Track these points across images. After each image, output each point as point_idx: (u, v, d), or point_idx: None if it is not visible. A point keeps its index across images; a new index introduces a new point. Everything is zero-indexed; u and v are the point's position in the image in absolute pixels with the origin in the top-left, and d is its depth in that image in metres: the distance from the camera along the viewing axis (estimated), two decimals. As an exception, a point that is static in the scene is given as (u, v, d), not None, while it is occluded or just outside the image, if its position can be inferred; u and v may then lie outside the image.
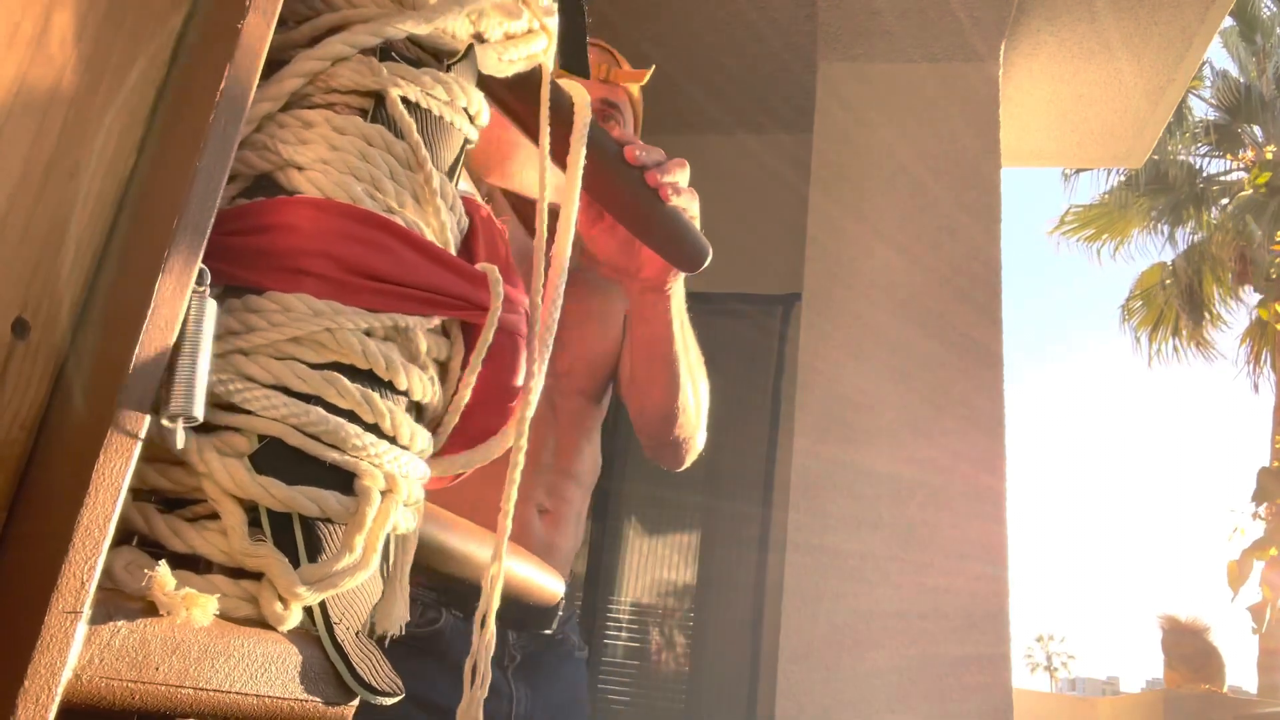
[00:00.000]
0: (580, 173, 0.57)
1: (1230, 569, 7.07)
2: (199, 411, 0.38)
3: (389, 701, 0.44)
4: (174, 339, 0.38)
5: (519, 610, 1.27)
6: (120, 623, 0.37)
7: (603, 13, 2.92)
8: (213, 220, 0.39)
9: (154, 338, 0.37)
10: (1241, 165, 10.80)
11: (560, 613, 1.30)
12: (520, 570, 0.82)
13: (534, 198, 0.53)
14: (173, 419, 0.38)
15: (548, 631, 1.30)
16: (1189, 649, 5.10)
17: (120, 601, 0.38)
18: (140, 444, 0.36)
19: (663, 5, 2.90)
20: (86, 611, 0.34)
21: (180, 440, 0.39)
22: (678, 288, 1.19)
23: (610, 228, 1.07)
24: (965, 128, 2.76)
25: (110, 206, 0.41)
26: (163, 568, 0.37)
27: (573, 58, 0.60)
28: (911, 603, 2.32)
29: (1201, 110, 10.86)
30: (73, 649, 0.34)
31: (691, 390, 1.32)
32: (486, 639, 0.46)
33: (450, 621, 1.18)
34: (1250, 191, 10.33)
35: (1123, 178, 10.90)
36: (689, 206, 1.00)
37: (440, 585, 1.13)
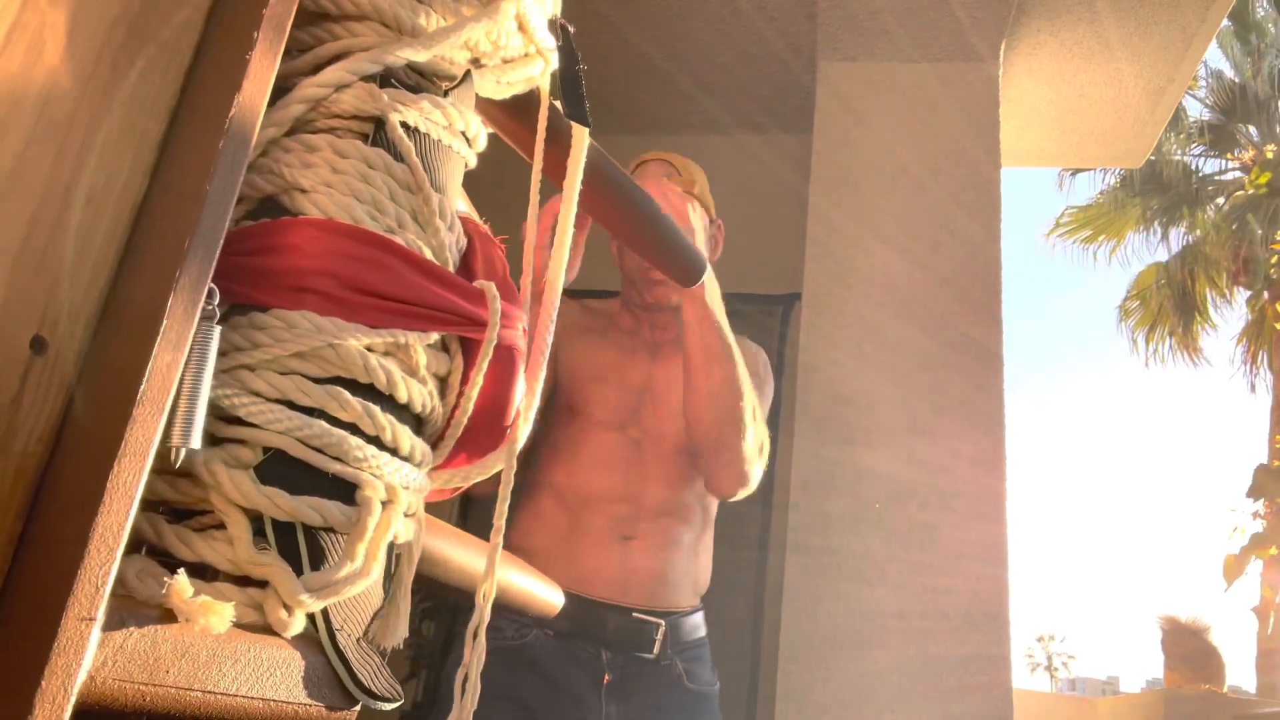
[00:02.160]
0: (575, 195, 0.58)
1: (1227, 561, 7.07)
2: (196, 444, 0.39)
3: (389, 707, 0.46)
4: (184, 357, 0.39)
5: (614, 632, 1.38)
6: (132, 628, 0.38)
7: (603, 13, 2.93)
8: (222, 241, 0.40)
9: (166, 354, 0.39)
10: (1237, 165, 10.78)
11: (659, 637, 1.39)
12: (518, 581, 0.84)
13: None
14: (174, 449, 0.39)
15: (647, 655, 1.39)
16: (1189, 649, 5.11)
17: (132, 607, 0.39)
18: (152, 456, 0.38)
19: (663, 5, 2.91)
20: (100, 616, 0.36)
21: (178, 461, 0.40)
22: (705, 293, 1.28)
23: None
24: (965, 128, 2.76)
25: (124, 228, 0.42)
26: (181, 576, 0.39)
27: (573, 107, 0.62)
28: (911, 603, 2.33)
29: (1196, 110, 10.85)
30: (87, 652, 0.36)
31: (744, 396, 1.39)
32: (478, 652, 0.48)
33: (538, 636, 1.35)
34: (1250, 191, 10.30)
35: (1118, 179, 10.88)
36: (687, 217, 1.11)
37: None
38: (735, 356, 1.38)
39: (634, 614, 1.40)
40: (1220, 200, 10.97)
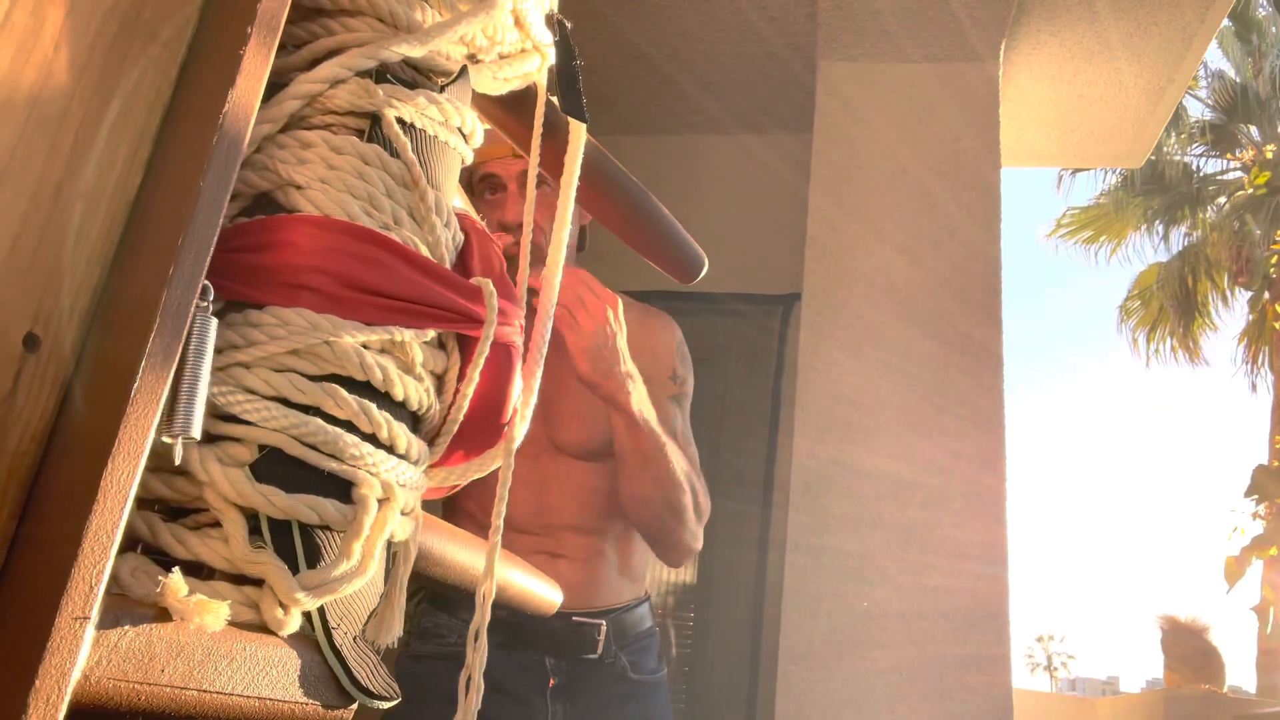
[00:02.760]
0: (573, 190, 0.58)
1: (1228, 563, 7.07)
2: (196, 432, 0.39)
3: (385, 705, 0.46)
4: (179, 353, 0.39)
5: (556, 637, 1.39)
6: (127, 626, 0.38)
7: (602, 13, 2.93)
8: (216, 238, 0.40)
9: (160, 351, 0.39)
10: (1238, 165, 10.78)
11: (601, 636, 1.41)
12: (516, 580, 0.84)
13: None
14: (173, 437, 0.39)
15: (591, 656, 1.40)
16: (1189, 649, 5.11)
17: (127, 606, 0.39)
18: (146, 454, 0.38)
19: (662, 5, 2.91)
20: (95, 615, 0.36)
21: (179, 456, 0.40)
22: (630, 402, 1.31)
23: (576, 340, 1.26)
24: (965, 128, 2.76)
25: (118, 224, 0.42)
26: (175, 574, 0.39)
27: (570, 102, 0.62)
28: (911, 603, 2.33)
29: (1197, 110, 10.85)
30: (81, 651, 0.35)
31: (680, 486, 1.41)
32: (480, 655, 0.48)
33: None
34: (1249, 191, 10.30)
35: (1118, 179, 10.88)
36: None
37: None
38: (668, 451, 1.39)
39: (574, 618, 1.41)
40: (1221, 200, 10.98)
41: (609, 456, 1.46)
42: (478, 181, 1.46)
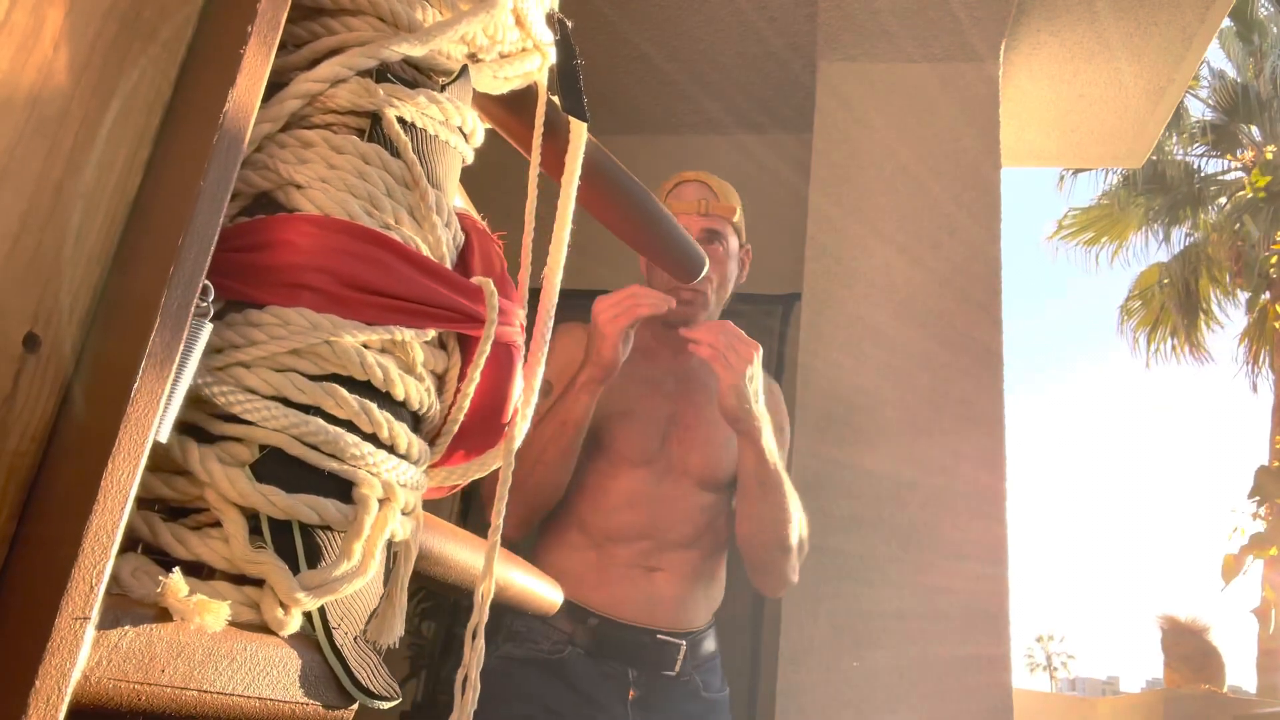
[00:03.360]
0: (574, 190, 0.58)
1: (1226, 560, 7.06)
2: (164, 436, 0.39)
3: (386, 705, 0.45)
4: (179, 353, 0.39)
5: (641, 652, 1.49)
6: (127, 627, 0.38)
7: (602, 13, 2.93)
8: (216, 237, 0.40)
9: (160, 351, 0.39)
10: (1240, 165, 10.78)
11: (680, 656, 1.51)
12: (518, 580, 0.84)
13: None
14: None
15: (670, 673, 1.51)
16: (1189, 649, 5.11)
17: (127, 606, 0.39)
18: (146, 454, 0.38)
19: (662, 5, 2.91)
20: (95, 615, 0.36)
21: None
22: (761, 438, 1.46)
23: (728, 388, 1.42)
24: (965, 128, 2.76)
25: (118, 224, 0.42)
26: (176, 575, 0.39)
27: (571, 101, 0.61)
28: (911, 603, 2.33)
29: (1198, 110, 10.84)
30: (82, 651, 0.35)
31: (792, 521, 1.54)
32: (478, 651, 0.47)
33: (573, 653, 1.47)
34: (1250, 193, 10.30)
35: (1119, 179, 10.88)
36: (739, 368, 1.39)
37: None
38: (786, 487, 1.52)
39: (659, 635, 1.51)
40: (1223, 200, 10.97)
41: (724, 490, 1.59)
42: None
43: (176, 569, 0.39)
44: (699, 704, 1.53)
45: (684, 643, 1.52)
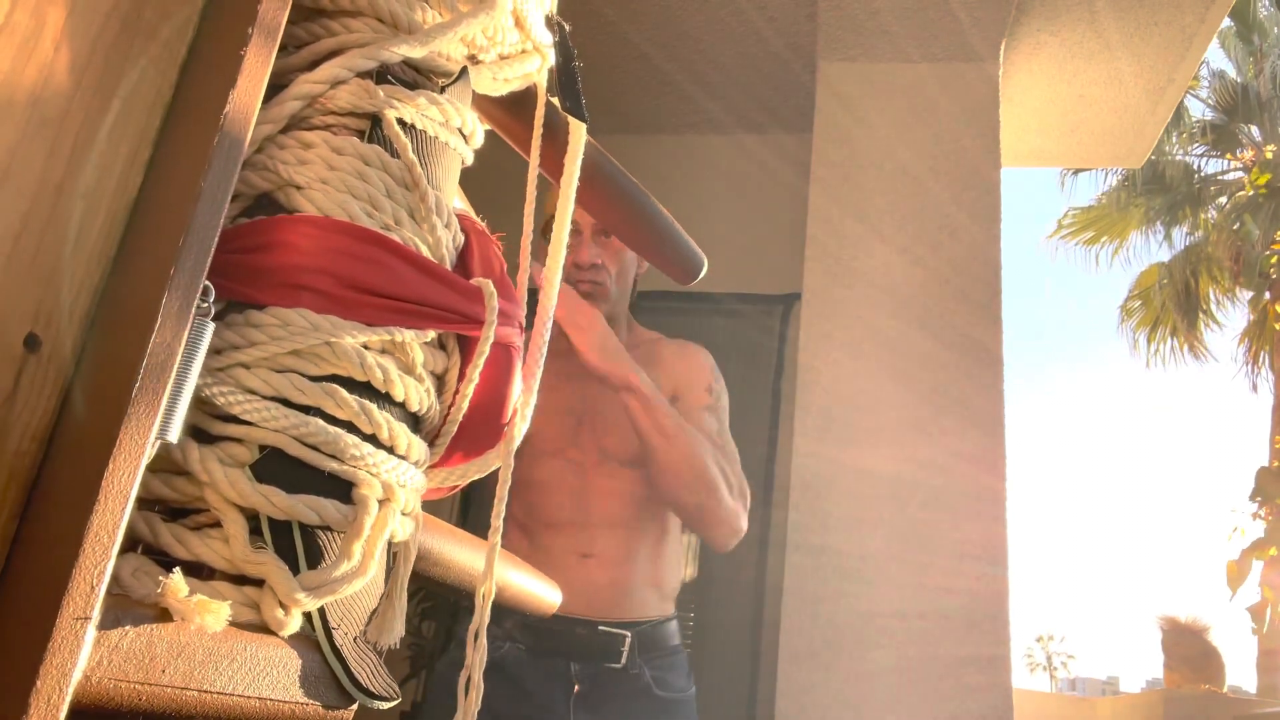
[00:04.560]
0: (573, 191, 0.58)
1: (1229, 569, 7.07)
2: (174, 437, 0.39)
3: (386, 705, 0.46)
4: (179, 353, 0.39)
5: (582, 644, 1.44)
6: (128, 627, 0.38)
7: (602, 13, 2.93)
8: (217, 238, 0.40)
9: (160, 351, 0.39)
10: (1240, 165, 10.77)
11: (625, 647, 1.46)
12: (515, 580, 0.84)
13: None
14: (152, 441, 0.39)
15: (615, 665, 1.45)
16: (1189, 649, 5.11)
17: (128, 606, 0.39)
18: (147, 454, 0.38)
19: (663, 5, 2.91)
20: (96, 615, 0.36)
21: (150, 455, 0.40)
22: (640, 385, 1.44)
23: (584, 333, 1.40)
24: (965, 128, 2.76)
25: (119, 225, 0.42)
26: (176, 575, 0.39)
27: (569, 102, 0.62)
28: (911, 603, 2.33)
29: (1198, 110, 10.84)
30: (82, 651, 0.35)
31: (708, 461, 1.50)
32: (480, 654, 0.48)
33: (511, 650, 1.44)
34: (1250, 192, 10.30)
35: (1119, 179, 10.87)
36: None
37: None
38: (690, 432, 1.48)
39: (600, 627, 1.46)
40: (1223, 200, 10.97)
41: (639, 460, 1.54)
42: (545, 227, 1.57)
43: (177, 569, 0.39)
44: (651, 702, 1.47)
45: (629, 634, 1.47)
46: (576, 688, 1.44)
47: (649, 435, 1.45)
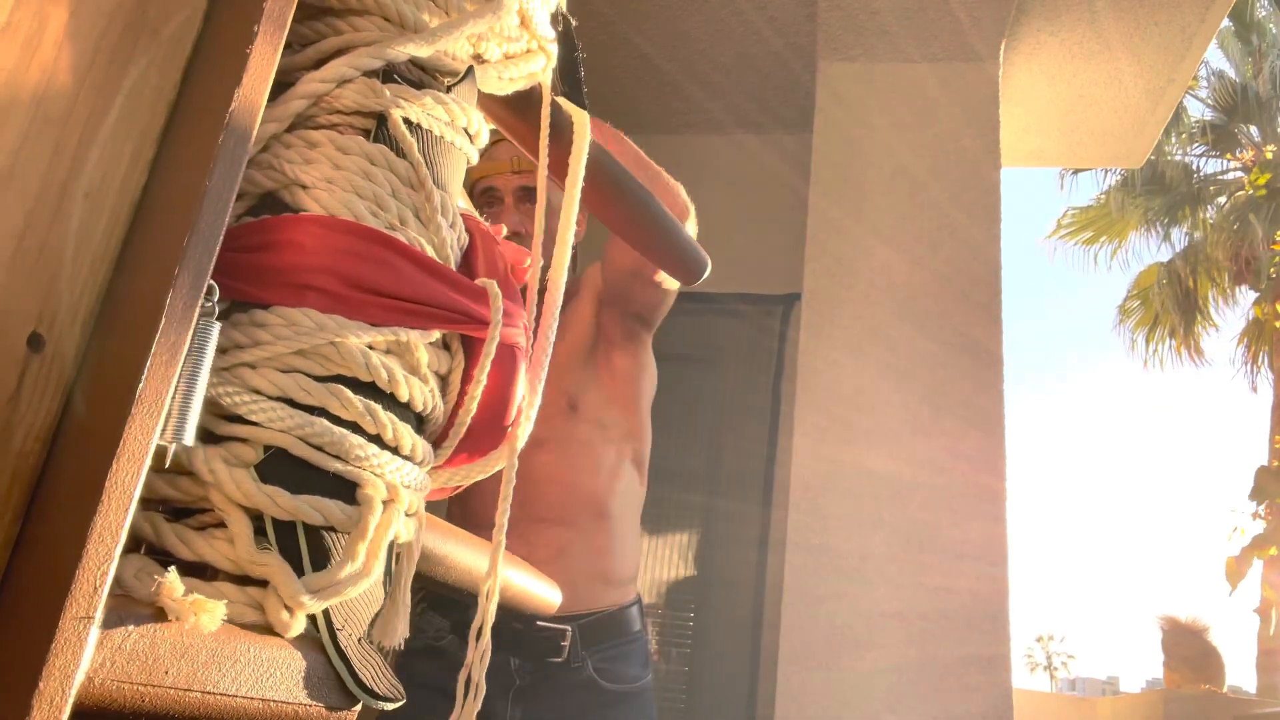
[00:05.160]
0: (578, 191, 0.58)
1: (1229, 565, 7.08)
2: (189, 440, 0.39)
3: (390, 706, 0.45)
4: (183, 353, 0.39)
5: (520, 640, 1.39)
6: (131, 628, 0.38)
7: (602, 13, 2.92)
8: (221, 237, 0.40)
9: (164, 351, 0.39)
10: (1239, 165, 10.78)
11: (567, 641, 1.41)
12: (516, 580, 0.84)
13: None
14: (166, 442, 0.39)
15: (556, 659, 1.40)
16: (1189, 649, 5.11)
17: (131, 607, 0.39)
18: (150, 454, 0.38)
19: (663, 5, 2.91)
20: (99, 616, 0.36)
21: (167, 459, 0.40)
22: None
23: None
24: (965, 128, 2.76)
25: (123, 224, 0.42)
26: (172, 574, 0.39)
27: (571, 91, 0.61)
28: (911, 603, 2.33)
29: (1198, 110, 10.84)
30: (85, 652, 0.35)
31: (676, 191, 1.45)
32: (481, 651, 0.47)
33: (453, 641, 1.39)
34: (1250, 192, 10.31)
35: (1119, 179, 10.87)
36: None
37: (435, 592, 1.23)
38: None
39: (538, 622, 1.40)
40: (1222, 200, 10.98)
41: (566, 446, 1.48)
42: (477, 195, 1.51)
43: (172, 568, 0.39)
44: (593, 694, 1.42)
45: (569, 628, 1.41)
46: (517, 683, 1.40)
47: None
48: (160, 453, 0.39)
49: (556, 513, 1.47)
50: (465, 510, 1.51)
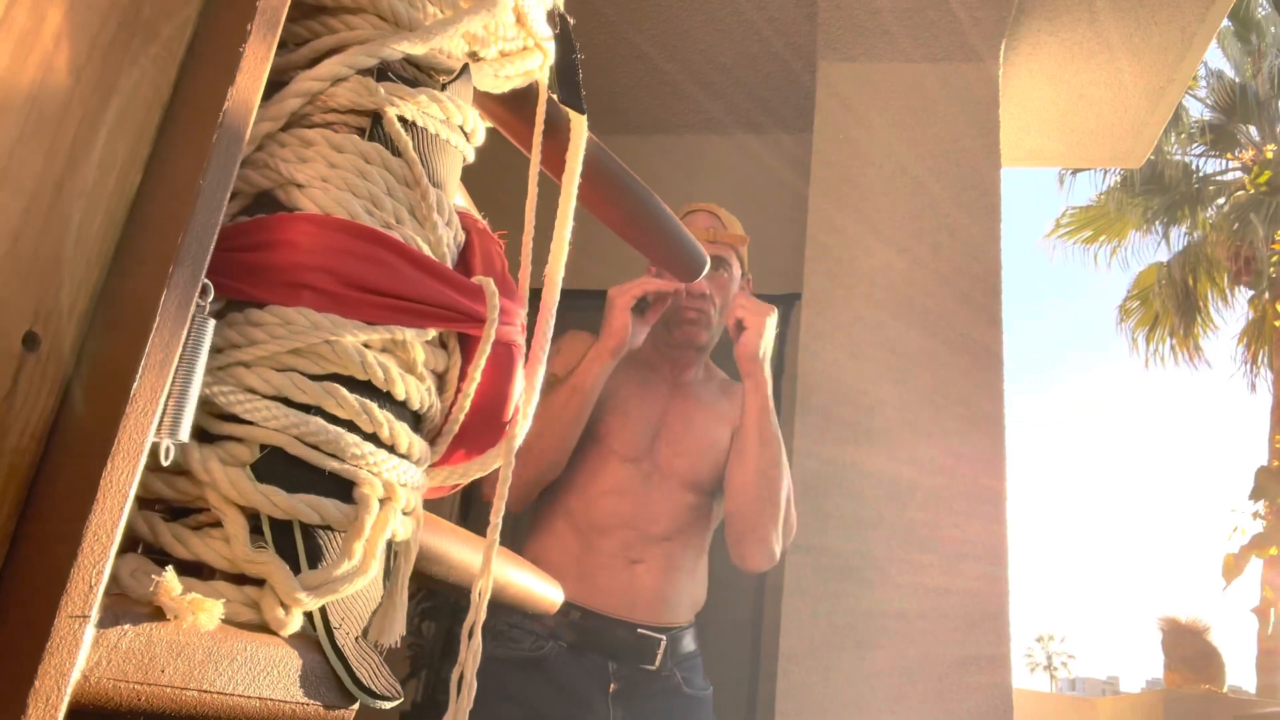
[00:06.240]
0: (575, 188, 0.58)
1: (1226, 560, 7.08)
2: (184, 436, 0.39)
3: (388, 705, 0.45)
4: (178, 352, 0.39)
5: (621, 645, 1.53)
6: (127, 626, 0.38)
7: (602, 13, 2.93)
8: (216, 236, 0.40)
9: (159, 350, 0.39)
10: (1238, 165, 10.78)
11: (661, 650, 1.55)
12: (517, 579, 0.83)
13: None
14: (159, 438, 0.39)
15: (649, 667, 1.54)
16: (1189, 650, 5.11)
17: (127, 606, 0.39)
18: (146, 453, 0.38)
19: (663, 5, 2.91)
20: (94, 615, 0.36)
21: (162, 457, 0.40)
22: (766, 389, 1.58)
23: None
24: (965, 128, 2.76)
25: (118, 223, 0.42)
26: (169, 573, 0.39)
27: (569, 94, 0.61)
28: (911, 603, 2.32)
29: (1197, 110, 10.85)
30: (81, 651, 0.35)
31: (785, 481, 1.60)
32: (473, 649, 0.47)
33: (554, 648, 1.51)
34: (1251, 191, 10.30)
35: (1118, 179, 10.88)
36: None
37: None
38: (781, 447, 1.58)
39: (639, 629, 1.55)
40: (1221, 200, 10.98)
41: (706, 494, 1.66)
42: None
43: (169, 567, 0.39)
44: (680, 699, 1.57)
45: (664, 638, 1.56)
46: (613, 686, 1.52)
47: (750, 437, 1.56)
48: (155, 449, 0.39)
49: (674, 535, 1.63)
50: (588, 512, 1.62)
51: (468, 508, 3.16)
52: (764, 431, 1.56)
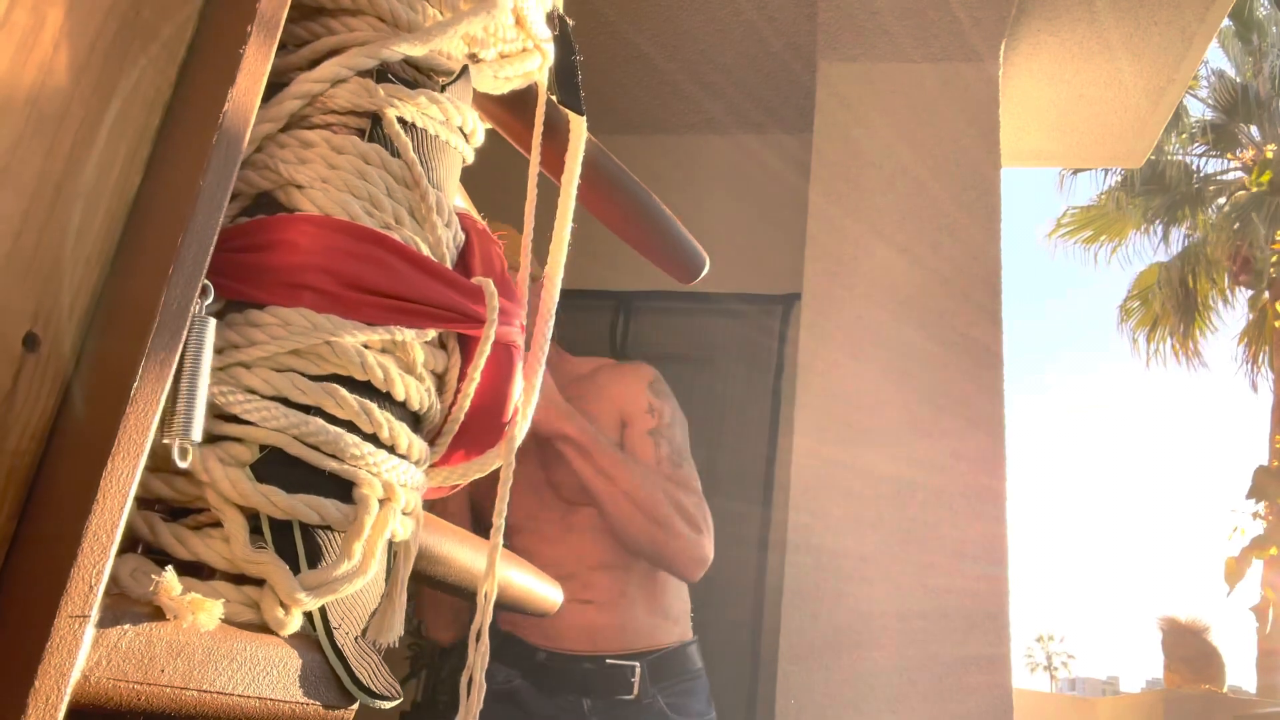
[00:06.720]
0: (574, 189, 0.58)
1: (1228, 565, 7.08)
2: (197, 435, 0.39)
3: (387, 705, 0.45)
4: (178, 354, 0.39)
5: (591, 680, 1.45)
6: (127, 626, 0.38)
7: (601, 13, 2.93)
8: (216, 237, 0.40)
9: (159, 351, 0.39)
10: (1239, 165, 10.78)
11: (636, 678, 1.47)
12: (518, 579, 0.84)
13: None
14: (171, 439, 0.39)
15: (627, 697, 1.46)
16: (1189, 650, 5.11)
17: (127, 606, 0.39)
18: (146, 453, 0.38)
19: (663, 5, 2.91)
20: (94, 615, 0.36)
21: (177, 458, 0.40)
22: (573, 435, 1.43)
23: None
24: (965, 128, 2.76)
25: (118, 224, 0.42)
26: (169, 573, 0.39)
27: (568, 95, 0.61)
28: (911, 603, 2.32)
29: (1198, 110, 10.85)
30: (81, 651, 0.35)
31: (659, 497, 1.49)
32: (481, 651, 0.47)
33: (523, 685, 1.46)
34: (1252, 190, 10.30)
35: (1119, 179, 10.88)
36: None
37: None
38: (631, 467, 1.46)
39: (607, 660, 1.48)
40: (1221, 200, 10.98)
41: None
42: None
43: (169, 567, 0.39)
44: None
45: (638, 664, 1.48)
46: None
47: (591, 481, 1.44)
48: (164, 450, 0.40)
49: (611, 559, 1.54)
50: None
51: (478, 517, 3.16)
52: (600, 471, 1.44)
